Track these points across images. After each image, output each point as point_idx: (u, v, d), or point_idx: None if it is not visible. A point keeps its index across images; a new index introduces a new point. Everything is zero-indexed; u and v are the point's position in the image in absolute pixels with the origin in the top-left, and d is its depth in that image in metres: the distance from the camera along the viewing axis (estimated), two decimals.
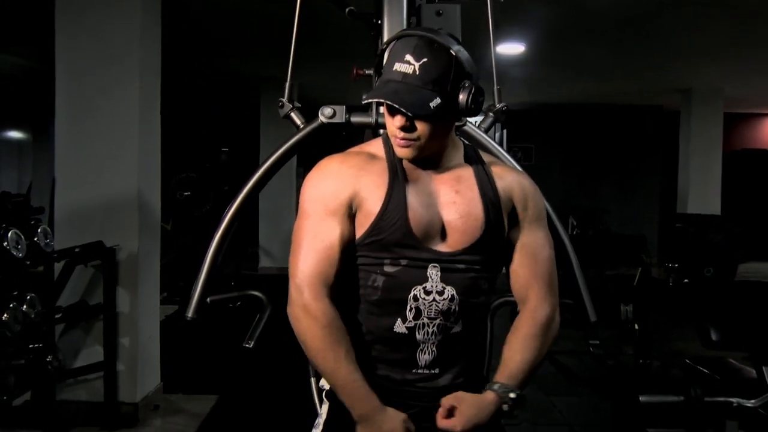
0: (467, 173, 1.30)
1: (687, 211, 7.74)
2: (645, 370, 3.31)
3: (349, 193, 1.25)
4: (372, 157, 1.30)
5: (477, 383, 1.32)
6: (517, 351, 1.27)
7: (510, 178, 1.33)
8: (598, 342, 4.67)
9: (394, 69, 1.20)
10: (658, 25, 5.13)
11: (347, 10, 2.03)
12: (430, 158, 1.29)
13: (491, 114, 1.70)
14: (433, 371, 1.24)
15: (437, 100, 1.17)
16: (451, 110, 1.21)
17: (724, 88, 7.66)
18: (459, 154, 1.32)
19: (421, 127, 1.20)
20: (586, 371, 4.25)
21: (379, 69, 1.30)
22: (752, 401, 2.19)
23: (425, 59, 1.18)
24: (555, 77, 7.44)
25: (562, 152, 9.76)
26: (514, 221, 1.32)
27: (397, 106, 1.16)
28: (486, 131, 1.66)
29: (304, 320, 1.21)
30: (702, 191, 7.79)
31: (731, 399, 2.17)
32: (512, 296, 1.65)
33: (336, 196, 1.25)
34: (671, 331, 4.97)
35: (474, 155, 1.34)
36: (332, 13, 2.02)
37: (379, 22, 1.78)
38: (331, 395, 1.29)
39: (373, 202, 1.24)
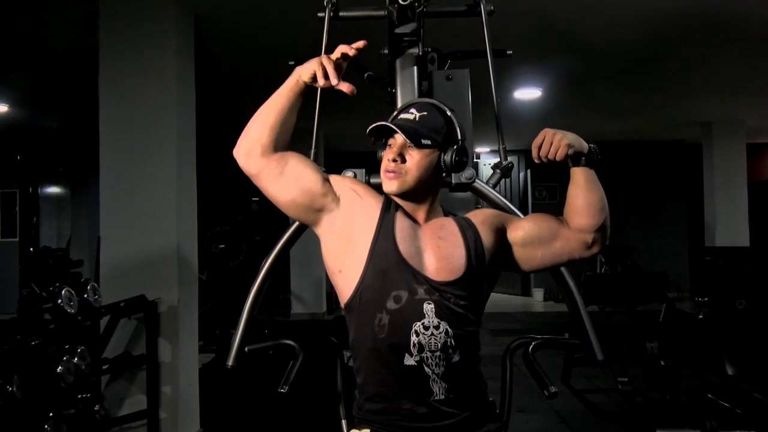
0: (448, 222, 1.50)
1: (715, 244, 7.71)
2: (672, 406, 3.34)
3: (345, 191, 1.46)
4: (375, 198, 1.50)
5: (484, 404, 1.47)
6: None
7: (482, 214, 1.53)
8: (626, 379, 4.68)
9: (398, 117, 1.47)
10: (671, 64, 5.25)
11: (366, 75, 2.21)
12: (416, 209, 1.47)
13: (498, 171, 1.83)
14: (449, 396, 1.38)
15: (428, 142, 1.41)
16: (437, 162, 1.44)
17: (744, 119, 7.70)
18: (440, 213, 1.52)
19: (410, 162, 1.42)
20: (616, 408, 4.27)
21: None
22: None
23: (425, 113, 1.45)
24: (573, 117, 7.57)
25: None
26: (506, 231, 1.50)
27: (394, 128, 1.40)
28: (494, 187, 1.80)
29: (245, 131, 1.40)
30: (729, 223, 7.76)
31: None
32: (527, 337, 1.79)
33: (338, 183, 1.46)
34: (701, 366, 4.96)
35: (451, 214, 1.54)
36: (352, 71, 2.20)
37: (393, 90, 1.95)
38: None
39: (365, 233, 1.42)
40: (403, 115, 1.46)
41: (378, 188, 1.84)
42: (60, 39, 4.36)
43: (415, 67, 1.91)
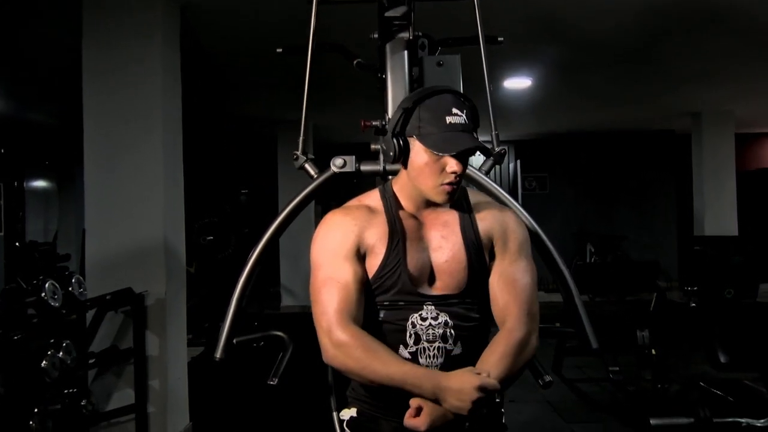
0: (452, 218, 1.43)
1: (704, 234, 7.75)
2: (663, 394, 3.34)
3: (355, 239, 1.37)
4: (371, 210, 1.43)
5: None
6: (490, 367, 1.29)
7: (491, 218, 1.44)
8: (618, 368, 4.68)
9: (448, 122, 1.32)
10: (661, 54, 5.24)
11: (355, 62, 2.17)
12: (430, 207, 1.42)
13: (491, 157, 1.80)
14: None
15: (479, 139, 1.36)
16: None
17: (733, 109, 7.72)
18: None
19: (463, 169, 1.35)
20: (607, 397, 4.28)
21: (404, 126, 1.37)
22: (761, 421, 2.22)
23: (465, 109, 1.34)
24: (564, 107, 7.56)
25: (577, 179, 9.83)
26: (495, 255, 1.43)
27: (485, 149, 1.39)
28: (486, 173, 1.77)
29: (341, 355, 1.28)
30: (718, 213, 7.80)
31: (740, 419, 2.20)
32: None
33: (344, 243, 1.37)
34: (692, 354, 4.97)
35: (460, 198, 1.45)
36: (342, 60, 2.15)
37: (383, 76, 1.91)
38: (352, 425, 1.40)
39: (375, 254, 1.37)
40: (450, 119, 1.33)
41: (370, 175, 1.82)
42: (44, 30, 4.28)
43: (406, 52, 1.87)
